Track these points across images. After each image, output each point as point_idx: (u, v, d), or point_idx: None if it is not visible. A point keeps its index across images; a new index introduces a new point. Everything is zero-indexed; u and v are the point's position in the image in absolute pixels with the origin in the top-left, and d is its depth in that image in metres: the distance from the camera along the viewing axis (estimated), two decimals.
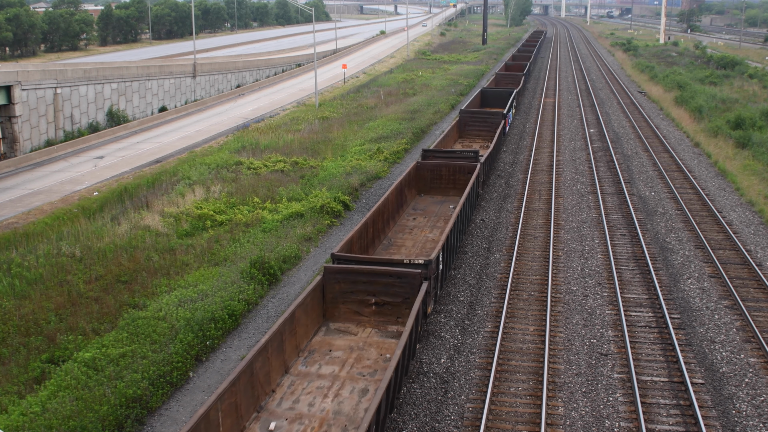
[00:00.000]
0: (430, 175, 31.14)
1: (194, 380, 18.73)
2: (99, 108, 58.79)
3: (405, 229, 26.80)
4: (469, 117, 43.55)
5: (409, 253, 24.39)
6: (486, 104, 53.36)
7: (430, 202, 30.29)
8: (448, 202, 30.11)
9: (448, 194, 30.91)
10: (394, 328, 19.00)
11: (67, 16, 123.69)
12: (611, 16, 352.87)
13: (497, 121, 42.24)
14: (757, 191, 34.67)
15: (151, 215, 30.60)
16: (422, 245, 25.07)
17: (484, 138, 42.25)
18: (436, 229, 26.83)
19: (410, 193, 30.08)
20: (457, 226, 23.88)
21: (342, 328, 18.98)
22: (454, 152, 32.63)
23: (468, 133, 43.12)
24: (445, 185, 31.05)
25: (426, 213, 28.77)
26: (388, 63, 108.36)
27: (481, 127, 42.85)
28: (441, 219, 27.94)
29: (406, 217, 28.27)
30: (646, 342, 20.55)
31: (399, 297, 19.03)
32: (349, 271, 19.12)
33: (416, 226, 27.25)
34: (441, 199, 30.62)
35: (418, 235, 26.28)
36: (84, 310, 21.61)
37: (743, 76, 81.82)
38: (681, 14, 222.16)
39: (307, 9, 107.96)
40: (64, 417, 15.99)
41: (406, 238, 25.78)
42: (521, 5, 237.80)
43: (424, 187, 31.21)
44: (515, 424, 16.71)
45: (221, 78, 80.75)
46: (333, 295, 19.26)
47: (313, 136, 47.66)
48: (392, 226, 26.85)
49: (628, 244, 28.29)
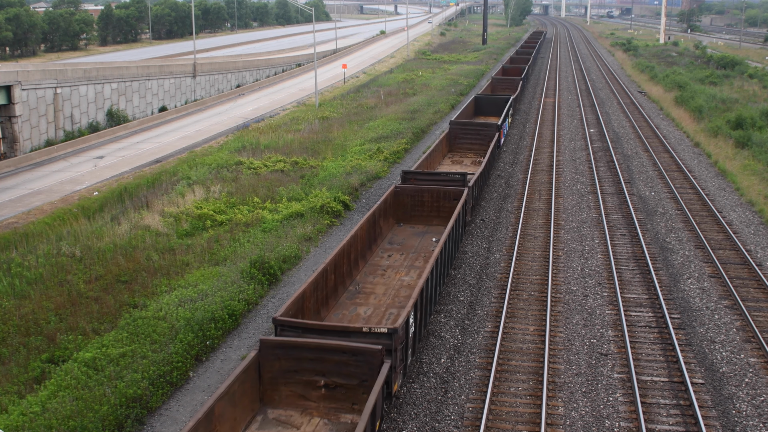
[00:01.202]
0: (411, 202, 27.50)
1: (194, 380, 18.73)
2: (99, 108, 58.79)
3: (377, 270, 23.11)
4: (459, 129, 40.06)
5: (379, 303, 20.78)
6: (480, 112, 50.57)
7: (410, 233, 26.60)
8: (431, 233, 26.63)
9: (431, 223, 27.33)
10: (348, 418, 15.35)
11: (67, 16, 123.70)
12: (611, 16, 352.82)
13: (490, 134, 39.03)
14: (757, 191, 34.67)
15: (151, 215, 30.60)
16: (395, 293, 21.53)
17: (476, 152, 39.01)
18: (414, 270, 23.21)
19: (387, 224, 26.43)
20: (437, 269, 20.54)
21: (282, 418, 15.37)
22: (438, 175, 28.91)
23: (459, 146, 39.75)
24: (427, 213, 27.49)
25: (404, 248, 25.10)
26: (388, 63, 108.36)
27: (472, 140, 39.45)
28: (421, 256, 24.37)
29: (381, 253, 24.54)
30: (646, 342, 20.55)
31: (354, 378, 15.39)
32: (292, 346, 15.38)
33: (391, 265, 23.55)
34: (422, 229, 27.03)
35: (392, 278, 22.63)
36: (84, 310, 21.60)
37: (743, 76, 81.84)
38: (681, 14, 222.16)
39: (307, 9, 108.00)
40: (64, 417, 15.99)
41: (378, 283, 22.18)
42: (521, 5, 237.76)
43: (404, 215, 27.63)
44: (515, 424, 16.71)
45: (221, 78, 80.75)
46: (272, 375, 15.59)
47: (313, 136, 47.67)
48: (362, 267, 23.12)
49: (628, 244, 28.29)
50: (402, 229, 27.01)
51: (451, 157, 38.45)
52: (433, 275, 19.78)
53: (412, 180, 28.72)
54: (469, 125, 40.16)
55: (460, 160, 37.64)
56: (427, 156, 33.84)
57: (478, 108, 50.75)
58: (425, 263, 23.50)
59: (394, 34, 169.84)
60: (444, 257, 21.71)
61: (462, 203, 25.24)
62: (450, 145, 39.48)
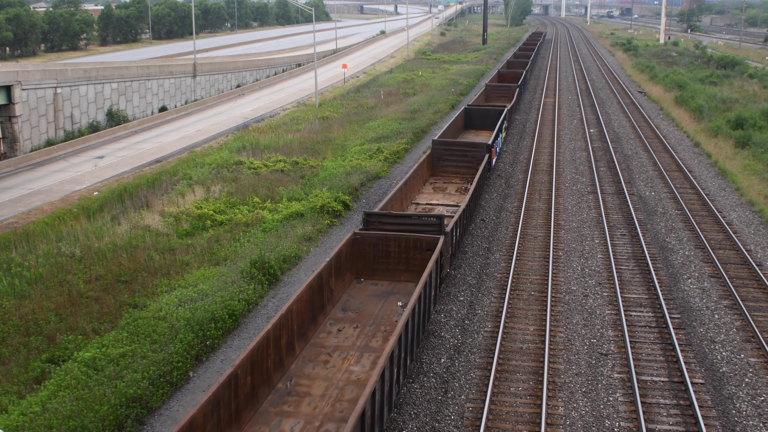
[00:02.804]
0: (374, 253, 22.01)
1: (194, 380, 18.73)
2: (99, 108, 58.79)
3: (320, 354, 17.68)
4: (443, 150, 34.42)
5: (314, 411, 15.34)
6: (471, 125, 44.99)
7: (371, 294, 21.13)
8: (397, 293, 21.18)
9: (399, 278, 21.89)
10: None
11: (67, 16, 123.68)
12: (611, 16, 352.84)
13: (479, 155, 33.80)
14: (757, 191, 34.67)
15: (151, 215, 30.59)
16: (339, 393, 16.08)
17: (463, 176, 34.04)
18: (368, 354, 17.80)
19: (341, 282, 21.06)
20: (399, 352, 15.96)
21: None
22: (408, 218, 23.16)
23: (442, 170, 34.45)
24: (394, 266, 22.04)
25: (360, 317, 19.69)
26: (388, 63, 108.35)
27: (459, 162, 34.27)
28: (380, 330, 18.99)
29: (329, 326, 19.12)
30: (646, 342, 20.55)
31: None
32: None
33: (339, 346, 18.12)
34: (387, 288, 21.51)
35: (339, 367, 17.14)
36: (84, 309, 21.60)
37: (743, 76, 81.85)
38: (681, 14, 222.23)
39: (307, 9, 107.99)
40: (64, 417, 15.99)
41: (317, 376, 16.69)
42: (521, 5, 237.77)
43: (365, 268, 22.09)
44: (515, 424, 16.71)
45: (221, 78, 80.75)
46: None
47: (313, 136, 47.66)
48: (301, 349, 17.78)
49: (628, 244, 28.29)
50: (361, 288, 21.53)
51: (433, 182, 33.47)
52: (392, 363, 15.27)
53: (376, 223, 23.08)
54: (454, 145, 34.81)
55: (443, 187, 32.75)
56: (404, 184, 28.69)
57: (468, 120, 45.30)
58: (384, 342, 18.36)
59: (394, 34, 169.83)
60: (410, 333, 16.98)
61: (436, 256, 20.23)
62: (433, 168, 34.36)
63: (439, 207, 29.18)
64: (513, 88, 56.45)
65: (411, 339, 17.28)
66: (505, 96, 55.60)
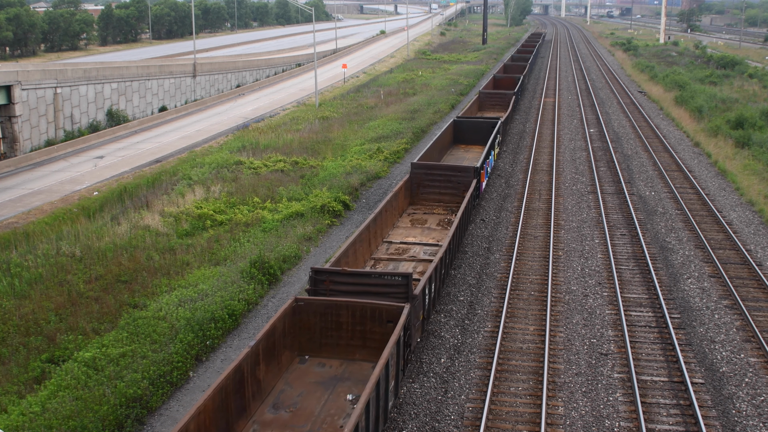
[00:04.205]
0: (321, 323, 17.21)
1: (194, 380, 18.74)
2: (99, 108, 58.79)
3: None
4: (424, 174, 29.48)
5: None
6: (460, 139, 40.15)
7: (315, 379, 16.33)
8: (349, 379, 16.44)
9: (353, 356, 17.19)
10: None
11: (67, 16, 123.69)
12: (611, 15, 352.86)
13: (466, 181, 29.00)
14: (757, 191, 34.67)
15: (151, 215, 30.60)
16: None
17: (447, 205, 29.21)
18: None
19: (275, 366, 16.17)
20: None
21: None
22: (367, 276, 18.30)
23: (423, 197, 29.65)
24: (347, 340, 17.26)
25: (295, 419, 14.83)
26: (388, 63, 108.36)
27: (442, 188, 29.42)
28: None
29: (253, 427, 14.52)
30: (646, 342, 20.55)
31: None
32: None
33: None
34: (336, 370, 16.73)
35: None
36: (84, 309, 21.61)
37: (743, 75, 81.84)
38: (681, 14, 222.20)
39: (307, 9, 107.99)
40: (64, 417, 16.00)
41: None
42: (521, 5, 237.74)
43: (310, 343, 17.31)
44: (515, 424, 16.71)
45: (221, 78, 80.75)
46: None
47: (313, 136, 47.67)
48: None
49: (628, 244, 28.29)
50: (304, 371, 16.65)
51: (412, 213, 28.71)
52: None
53: (326, 283, 18.34)
54: (436, 169, 29.54)
55: (423, 219, 27.96)
56: (372, 220, 23.86)
57: (457, 134, 40.24)
58: None
59: (394, 33, 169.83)
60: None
61: (398, 333, 15.53)
62: (412, 195, 29.64)
63: (416, 247, 24.63)
64: (509, 95, 51.62)
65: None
66: (500, 104, 51.48)
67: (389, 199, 26.31)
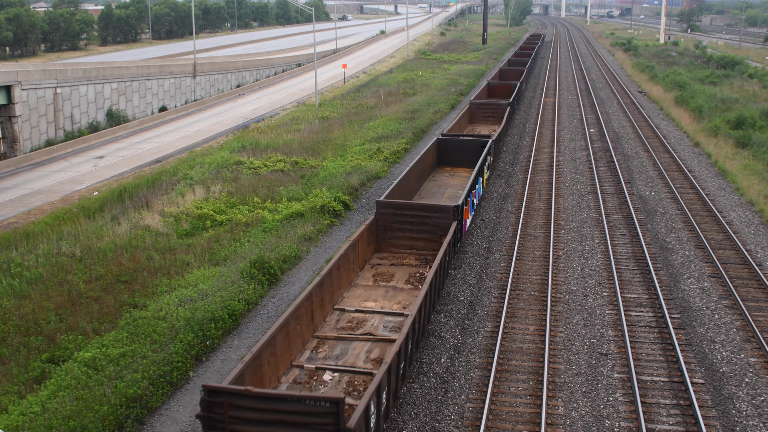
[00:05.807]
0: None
1: (194, 380, 18.74)
2: (99, 108, 58.80)
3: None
4: (392, 215, 23.93)
5: None
6: (444, 161, 34.83)
7: None
8: None
9: None
10: None
11: (67, 16, 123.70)
12: (611, 15, 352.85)
13: (443, 224, 23.55)
14: (757, 191, 34.67)
15: (151, 215, 30.60)
16: None
17: (420, 252, 23.86)
18: None
19: None
20: None
21: None
22: (282, 401, 12.77)
23: (392, 242, 24.20)
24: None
25: None
26: (388, 63, 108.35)
27: (415, 231, 23.93)
28: None
29: None
30: (646, 342, 20.56)
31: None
32: None
33: None
34: None
35: None
36: (84, 309, 21.61)
37: (743, 75, 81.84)
38: (681, 14, 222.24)
39: (307, 9, 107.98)
40: (64, 417, 16.00)
41: None
42: (521, 5, 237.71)
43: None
44: (515, 424, 16.71)
45: (221, 78, 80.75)
46: None
47: (313, 136, 47.67)
48: None
49: (628, 244, 28.29)
50: None
51: (376, 265, 23.09)
52: None
53: (224, 405, 12.95)
54: (407, 209, 23.95)
55: (389, 274, 22.40)
56: (320, 282, 18.62)
57: (441, 155, 34.87)
58: None
59: (394, 33, 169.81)
60: None
61: None
62: (378, 239, 24.16)
63: (375, 318, 19.39)
64: (503, 106, 45.53)
65: None
66: (494, 116, 45.92)
67: (345, 251, 20.74)
